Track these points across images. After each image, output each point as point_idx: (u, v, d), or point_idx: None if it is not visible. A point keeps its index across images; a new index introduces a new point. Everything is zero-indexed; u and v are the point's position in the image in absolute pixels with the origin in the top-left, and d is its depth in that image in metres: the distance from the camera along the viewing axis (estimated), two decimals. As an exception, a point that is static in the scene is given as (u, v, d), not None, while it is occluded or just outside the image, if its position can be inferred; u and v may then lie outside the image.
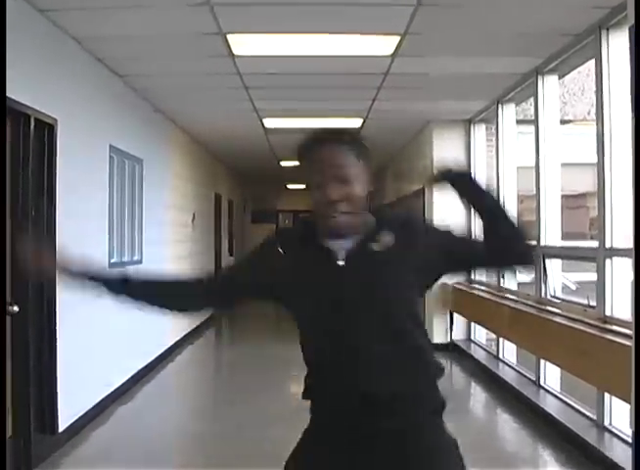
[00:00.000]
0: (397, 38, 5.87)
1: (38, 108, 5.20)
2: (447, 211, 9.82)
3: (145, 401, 7.34)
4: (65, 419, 5.65)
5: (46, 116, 5.35)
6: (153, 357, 8.74)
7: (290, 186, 20.48)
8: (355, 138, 2.22)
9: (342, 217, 2.13)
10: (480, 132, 9.78)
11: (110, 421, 6.43)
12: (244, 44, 6.09)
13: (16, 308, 4.96)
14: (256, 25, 5.66)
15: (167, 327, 9.78)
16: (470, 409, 7.40)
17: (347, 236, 2.18)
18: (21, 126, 5.07)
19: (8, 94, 4.67)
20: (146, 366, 8.30)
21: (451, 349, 9.72)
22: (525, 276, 7.71)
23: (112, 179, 7.17)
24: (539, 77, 6.84)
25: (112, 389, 6.93)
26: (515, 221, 2.23)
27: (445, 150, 9.98)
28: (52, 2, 5.08)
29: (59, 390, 5.51)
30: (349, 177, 2.13)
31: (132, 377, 7.69)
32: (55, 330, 5.47)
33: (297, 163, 2.26)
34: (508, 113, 8.36)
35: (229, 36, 5.83)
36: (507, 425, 6.72)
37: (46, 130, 5.41)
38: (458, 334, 9.95)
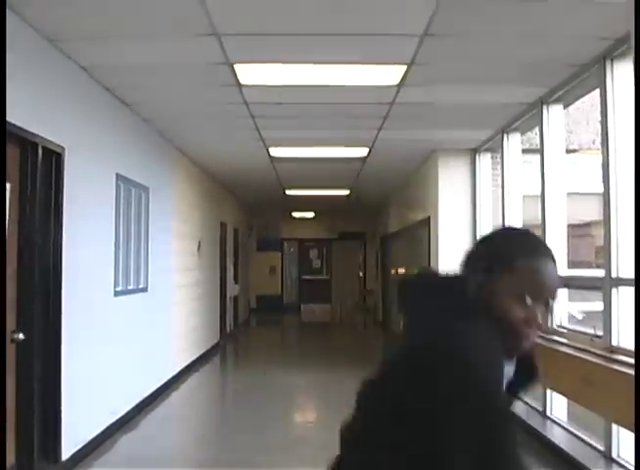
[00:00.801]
0: (404, 68, 5.90)
1: (46, 136, 5.24)
2: (452, 241, 9.89)
3: (149, 430, 7.30)
4: (68, 447, 5.63)
5: (54, 144, 5.39)
6: (158, 385, 8.72)
7: (294, 214, 20.53)
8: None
9: (534, 339, 1.77)
10: (485, 161, 9.80)
11: (113, 449, 6.40)
12: (251, 74, 6.13)
13: (21, 336, 4.97)
14: (263, 55, 5.71)
15: (173, 355, 9.76)
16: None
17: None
18: (29, 154, 5.11)
19: (16, 122, 4.73)
20: (151, 394, 8.28)
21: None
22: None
23: (118, 207, 7.20)
24: (544, 107, 6.87)
25: (116, 417, 6.90)
26: None
27: (450, 179, 10.01)
28: (61, 32, 5.13)
29: (63, 417, 5.50)
30: (553, 299, 1.77)
31: (137, 405, 7.66)
32: (60, 358, 5.47)
33: (491, 250, 1.80)
34: (513, 142, 8.38)
35: (236, 66, 5.88)
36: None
37: (54, 158, 5.45)
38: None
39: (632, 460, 5.10)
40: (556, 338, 6.49)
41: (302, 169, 11.96)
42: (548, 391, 6.79)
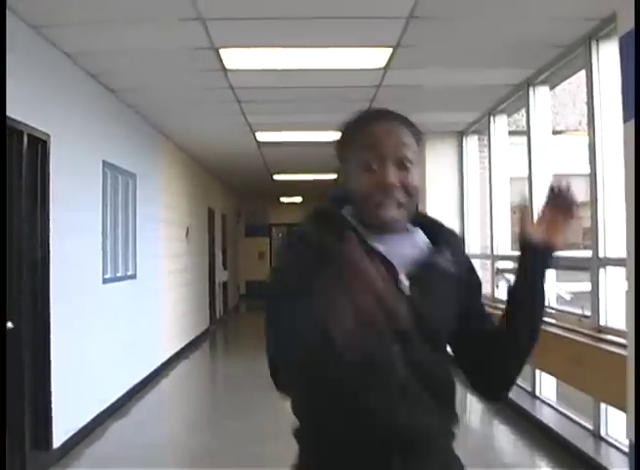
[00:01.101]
0: (390, 51, 5.89)
1: (31, 124, 5.21)
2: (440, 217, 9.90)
3: (140, 417, 7.30)
4: (59, 435, 5.63)
5: (39, 131, 5.35)
6: (148, 372, 8.71)
7: (282, 199, 20.50)
8: (414, 124, 1.77)
9: (396, 210, 1.69)
10: (472, 144, 9.81)
11: (104, 437, 6.40)
12: (236, 58, 6.10)
13: (10, 325, 4.95)
14: (249, 40, 5.67)
15: (162, 341, 9.76)
16: (465, 421, 7.38)
17: (397, 240, 1.73)
18: (14, 142, 5.07)
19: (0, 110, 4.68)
20: (141, 381, 8.27)
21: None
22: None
23: (105, 194, 7.17)
24: (530, 88, 6.88)
25: (106, 404, 6.90)
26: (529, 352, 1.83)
27: (438, 162, 10.01)
28: (44, 18, 5.09)
29: (53, 406, 5.48)
30: (411, 162, 1.70)
31: (127, 392, 7.66)
32: (49, 346, 5.45)
33: (338, 140, 1.79)
34: (500, 124, 8.39)
35: (221, 51, 5.84)
36: (503, 436, 6.72)
37: (39, 146, 5.41)
38: (452, 345, 9.93)
39: (620, 438, 5.15)
40: (544, 318, 6.52)
41: (290, 154, 11.93)
42: (537, 371, 6.83)
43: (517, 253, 1.80)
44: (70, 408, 5.87)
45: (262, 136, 10.10)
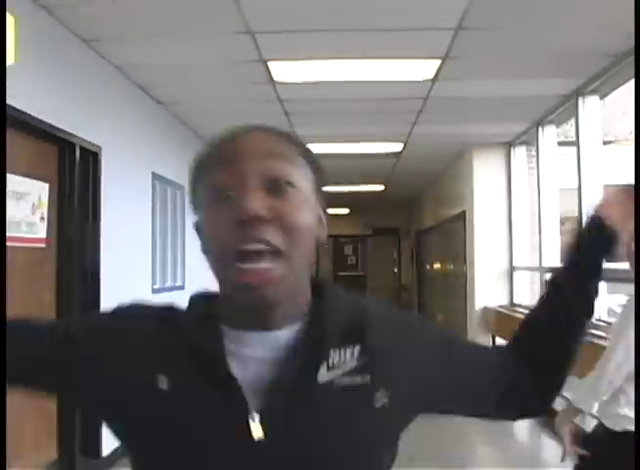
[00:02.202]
0: (438, 62, 5.88)
1: (83, 136, 5.31)
2: (488, 236, 9.84)
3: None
4: (108, 444, 5.68)
5: (90, 144, 5.45)
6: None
7: (330, 211, 20.44)
8: (300, 140, 1.23)
9: (272, 260, 1.07)
10: (520, 155, 9.72)
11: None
12: (284, 71, 6.14)
13: (61, 334, 5.02)
14: (297, 52, 5.72)
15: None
16: (514, 435, 7.31)
17: (279, 317, 1.12)
18: (66, 154, 5.17)
19: (53, 122, 4.78)
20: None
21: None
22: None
23: (154, 206, 7.25)
24: (580, 98, 6.80)
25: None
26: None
27: (486, 173, 9.95)
28: (96, 32, 5.18)
29: (103, 414, 5.55)
30: (292, 184, 1.12)
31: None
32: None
33: (189, 180, 1.20)
34: (549, 135, 8.31)
35: (270, 63, 5.89)
36: (552, 451, 6.62)
37: (91, 158, 5.51)
38: (501, 358, 9.83)
39: None
40: (594, 332, 6.42)
41: (337, 166, 11.93)
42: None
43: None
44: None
45: (310, 148, 10.11)
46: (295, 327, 1.12)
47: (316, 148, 9.94)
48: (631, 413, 2.94)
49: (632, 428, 2.90)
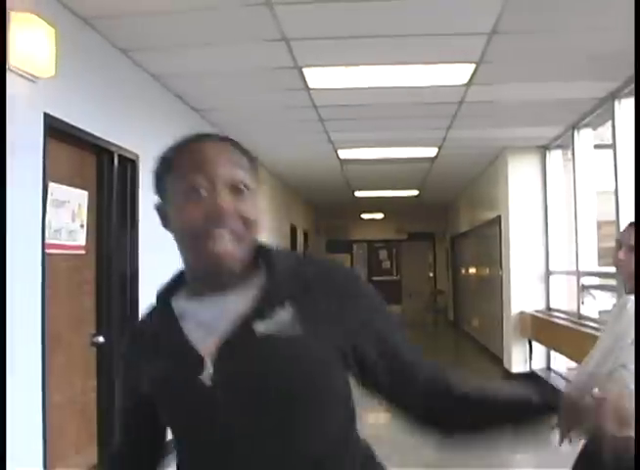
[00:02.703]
0: (472, 67, 5.88)
1: (121, 144, 5.38)
2: (524, 240, 9.79)
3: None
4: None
5: (128, 151, 5.52)
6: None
7: (364, 216, 20.52)
8: (245, 147, 1.52)
9: (231, 243, 1.40)
10: (556, 158, 9.67)
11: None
12: (319, 77, 6.19)
13: (101, 339, 5.10)
14: (331, 59, 5.75)
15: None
16: (552, 443, 7.25)
17: (228, 288, 1.44)
18: (105, 162, 5.25)
19: (92, 131, 4.87)
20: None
21: (531, 378, 9.56)
22: (606, 303, 7.59)
23: (191, 212, 7.31)
24: (616, 101, 6.76)
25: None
26: None
27: (521, 177, 9.91)
28: (132, 42, 5.27)
29: (142, 419, 5.60)
30: (242, 184, 1.43)
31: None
32: (138, 360, 5.59)
33: (155, 173, 1.53)
34: (585, 138, 8.26)
35: (305, 70, 5.93)
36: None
37: (128, 165, 5.58)
38: (537, 363, 9.78)
39: None
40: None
41: (371, 171, 11.97)
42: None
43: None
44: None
45: (344, 153, 10.17)
46: (242, 291, 1.44)
47: (350, 153, 9.99)
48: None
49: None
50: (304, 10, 4.66)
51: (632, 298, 3.01)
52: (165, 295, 1.55)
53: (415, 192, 15.12)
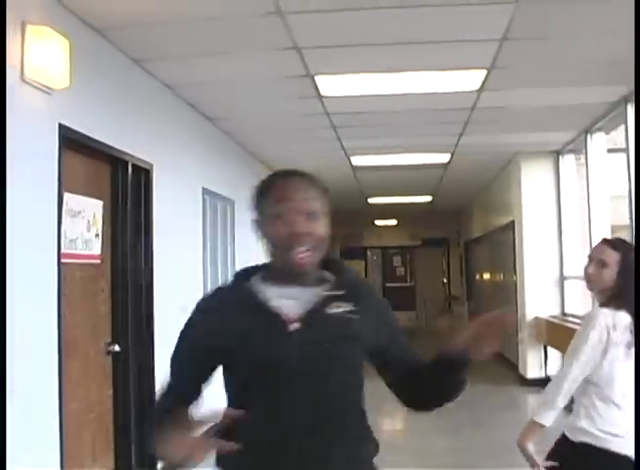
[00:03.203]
0: (484, 73, 5.89)
1: (135, 154, 5.42)
2: (537, 245, 9.77)
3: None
4: (164, 456, 5.76)
5: (142, 161, 5.56)
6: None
7: (377, 222, 20.53)
8: (317, 178, 2.12)
9: (306, 255, 1.99)
10: (569, 163, 9.66)
11: (209, 458, 6.50)
12: (331, 85, 6.21)
13: (117, 348, 5.14)
14: (343, 66, 5.77)
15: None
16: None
17: (305, 282, 2.06)
18: (119, 172, 5.29)
19: (106, 141, 4.91)
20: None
21: (546, 384, 9.52)
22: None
23: (205, 220, 7.36)
24: (629, 105, 6.75)
25: (209, 426, 7.01)
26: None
27: (534, 182, 9.91)
28: (145, 52, 5.31)
29: (158, 427, 5.62)
30: (316, 212, 2.02)
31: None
32: (154, 368, 5.61)
33: (254, 201, 2.11)
34: (597, 142, 8.25)
35: (317, 78, 5.96)
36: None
37: (142, 175, 5.62)
38: (553, 369, 9.75)
39: None
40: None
41: (384, 177, 11.98)
42: None
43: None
44: (174, 429, 5.99)
45: (357, 160, 10.19)
46: (315, 286, 2.06)
47: (363, 160, 10.02)
48: (589, 427, 3.08)
49: (589, 441, 3.06)
50: (316, 18, 4.68)
51: (603, 310, 3.16)
52: (243, 277, 2.13)
53: (428, 198, 15.11)
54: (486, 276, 15.09)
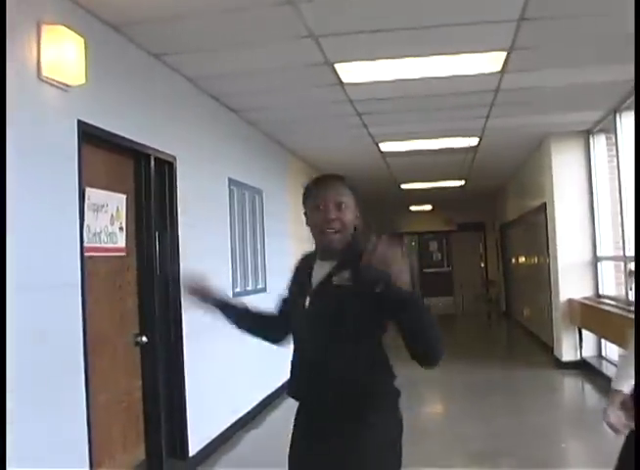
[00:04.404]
0: (504, 54, 5.84)
1: (157, 147, 5.47)
2: (570, 227, 9.68)
3: (274, 428, 7.43)
4: (195, 444, 5.84)
5: (165, 154, 5.61)
6: (281, 383, 8.86)
7: (412, 208, 20.46)
8: (349, 180, 2.75)
9: (335, 235, 2.64)
10: (600, 143, 9.54)
11: (239, 446, 6.59)
12: (352, 72, 6.20)
13: (145, 339, 5.21)
14: (362, 53, 5.76)
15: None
16: (602, 429, 7.14)
17: (335, 255, 2.67)
18: (142, 166, 5.35)
19: (128, 135, 4.96)
20: (274, 392, 8.40)
21: (582, 366, 9.48)
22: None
23: (232, 211, 7.40)
24: (657, 82, 6.64)
25: (239, 415, 7.09)
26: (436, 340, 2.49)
27: (565, 162, 9.80)
28: (164, 47, 5.35)
29: (188, 415, 5.70)
30: (343, 204, 2.65)
31: (259, 404, 7.83)
32: (183, 359, 5.69)
33: (303, 193, 2.77)
34: (627, 121, 8.14)
35: (336, 65, 5.95)
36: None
37: (166, 168, 5.67)
38: (588, 351, 9.68)
39: None
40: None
41: (415, 163, 11.94)
42: None
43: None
44: (205, 419, 6.08)
45: (386, 146, 10.17)
46: (335, 261, 2.68)
47: (391, 146, 9.99)
48: None
49: None
50: (329, 5, 4.68)
51: None
52: (311, 254, 2.86)
53: (461, 182, 15.02)
54: (521, 259, 14.99)
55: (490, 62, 6.07)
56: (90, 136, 4.44)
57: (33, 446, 3.67)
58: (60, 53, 3.97)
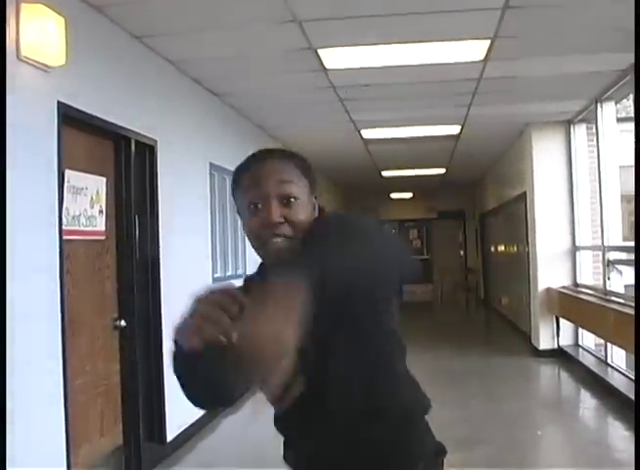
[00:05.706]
0: (487, 42, 5.84)
1: (138, 130, 5.43)
2: (549, 216, 9.73)
3: (251, 413, 7.41)
4: (173, 429, 5.83)
5: (146, 137, 5.57)
6: (259, 369, 8.88)
7: (393, 196, 20.48)
8: (298, 154, 1.86)
9: (283, 243, 1.73)
10: (580, 133, 9.58)
11: (216, 432, 6.58)
12: (335, 58, 6.17)
13: (123, 323, 5.18)
14: (345, 39, 5.73)
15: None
16: (579, 417, 7.24)
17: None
18: (122, 149, 5.31)
19: (109, 118, 4.91)
20: (253, 377, 8.40)
21: (558, 354, 9.54)
22: (632, 278, 7.52)
23: (213, 196, 7.37)
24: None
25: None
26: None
27: (545, 152, 9.83)
28: (147, 28, 5.30)
29: (166, 400, 5.68)
30: (295, 197, 1.75)
31: (239, 388, 7.81)
32: (161, 343, 5.65)
33: (231, 191, 1.86)
34: (608, 111, 8.17)
35: (320, 51, 5.93)
36: (617, 433, 6.54)
37: (147, 151, 5.63)
38: (565, 339, 9.74)
39: None
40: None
41: (396, 150, 11.94)
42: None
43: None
44: (183, 404, 6.02)
45: (368, 133, 10.15)
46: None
47: (374, 133, 9.97)
48: None
49: None
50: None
51: None
52: (262, 265, 1.88)
53: (442, 170, 15.05)
54: (501, 248, 15.05)
55: (474, 50, 6.06)
56: (70, 118, 4.40)
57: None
58: (40, 33, 3.92)
